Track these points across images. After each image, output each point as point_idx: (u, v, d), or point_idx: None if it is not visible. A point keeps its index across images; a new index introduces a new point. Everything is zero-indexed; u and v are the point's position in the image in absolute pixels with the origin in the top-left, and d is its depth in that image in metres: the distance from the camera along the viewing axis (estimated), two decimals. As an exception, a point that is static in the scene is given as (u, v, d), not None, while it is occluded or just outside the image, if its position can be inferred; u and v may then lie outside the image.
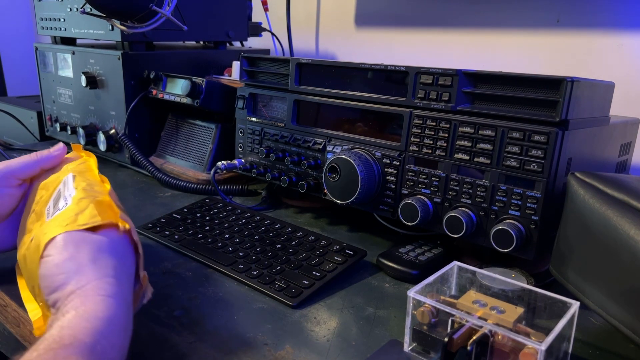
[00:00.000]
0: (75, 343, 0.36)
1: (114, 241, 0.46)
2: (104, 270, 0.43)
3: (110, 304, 0.40)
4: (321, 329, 0.52)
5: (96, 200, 0.48)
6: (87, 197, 0.49)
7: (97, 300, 0.40)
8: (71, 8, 1.09)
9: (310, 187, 0.77)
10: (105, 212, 0.48)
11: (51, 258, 0.43)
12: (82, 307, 0.39)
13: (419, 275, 0.62)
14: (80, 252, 0.43)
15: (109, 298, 0.41)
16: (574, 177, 0.53)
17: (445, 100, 0.62)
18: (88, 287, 0.41)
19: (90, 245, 0.44)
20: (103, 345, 0.38)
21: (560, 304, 0.47)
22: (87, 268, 0.42)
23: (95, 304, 0.40)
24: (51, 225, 0.46)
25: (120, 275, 0.44)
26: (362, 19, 1.32)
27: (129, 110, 0.99)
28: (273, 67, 0.83)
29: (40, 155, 0.56)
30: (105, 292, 0.41)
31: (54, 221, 0.47)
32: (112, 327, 0.39)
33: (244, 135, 0.88)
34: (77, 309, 0.39)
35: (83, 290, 0.41)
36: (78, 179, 0.52)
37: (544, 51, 1.03)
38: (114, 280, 0.43)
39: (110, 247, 0.46)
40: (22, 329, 0.53)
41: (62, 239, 0.44)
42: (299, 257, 0.65)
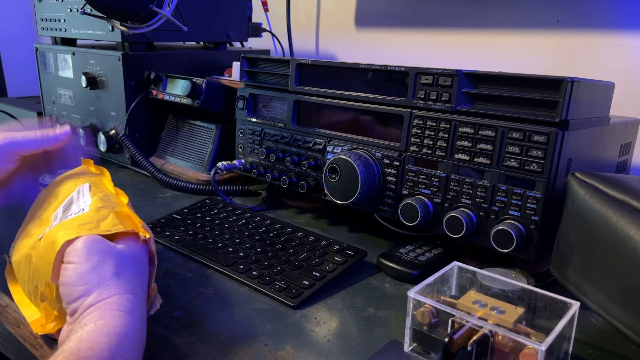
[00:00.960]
0: (93, 357, 0.37)
1: (134, 253, 0.47)
2: (125, 286, 0.43)
3: (128, 320, 0.41)
4: (321, 329, 0.52)
5: (115, 210, 0.48)
6: (106, 207, 0.49)
7: (115, 315, 0.40)
8: (71, 9, 1.10)
9: (311, 188, 0.77)
10: (126, 221, 0.48)
11: (74, 266, 0.43)
12: (101, 321, 0.39)
13: (419, 276, 0.62)
14: (105, 264, 0.43)
15: (127, 314, 0.41)
16: (574, 178, 0.53)
17: (445, 100, 0.62)
18: (109, 301, 0.41)
19: (114, 258, 0.44)
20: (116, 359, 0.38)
21: (560, 304, 0.47)
22: (110, 282, 0.42)
23: (114, 319, 0.40)
24: (68, 225, 0.46)
25: (139, 291, 0.45)
26: (362, 20, 1.32)
27: (129, 110, 0.99)
28: (273, 67, 0.83)
29: (45, 135, 0.54)
30: (124, 308, 0.41)
31: (70, 222, 0.46)
32: (128, 342, 0.40)
33: (244, 136, 0.88)
34: (96, 323, 0.39)
35: (103, 303, 0.41)
36: (94, 189, 0.52)
37: (544, 51, 1.03)
38: (133, 297, 0.43)
39: (131, 260, 0.46)
40: (22, 330, 0.53)
41: (85, 246, 0.44)
42: (299, 257, 0.65)
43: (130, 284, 0.44)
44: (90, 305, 0.41)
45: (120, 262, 0.44)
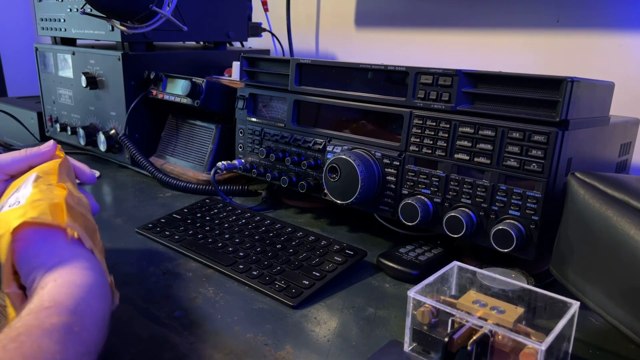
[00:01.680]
0: (55, 305, 0.37)
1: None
2: (79, 252, 0.44)
3: (87, 274, 0.42)
4: (321, 329, 0.52)
5: (52, 203, 0.47)
6: (44, 199, 0.47)
7: (74, 271, 0.41)
8: (71, 8, 1.10)
9: (311, 188, 0.77)
10: (57, 214, 0.47)
11: (25, 242, 0.43)
12: (60, 279, 0.40)
13: (419, 276, 0.62)
14: (56, 238, 0.44)
15: (86, 269, 0.42)
16: (574, 177, 0.53)
17: (445, 100, 0.62)
18: (64, 262, 0.42)
19: (63, 238, 0.45)
20: (83, 308, 0.39)
21: (560, 304, 0.47)
22: (63, 249, 0.44)
23: (72, 274, 0.41)
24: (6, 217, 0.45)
25: (94, 259, 0.45)
26: (362, 19, 1.32)
27: (129, 110, 0.99)
28: (273, 67, 0.83)
29: (29, 152, 0.56)
30: (81, 266, 0.42)
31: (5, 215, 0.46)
32: (91, 293, 0.41)
33: (244, 136, 0.88)
34: (56, 280, 0.40)
35: (60, 265, 0.42)
36: (41, 180, 0.51)
37: (544, 51, 1.03)
38: (89, 257, 0.44)
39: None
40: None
41: (34, 229, 0.44)
42: (299, 257, 0.65)
43: (84, 251, 0.45)
44: (48, 269, 0.41)
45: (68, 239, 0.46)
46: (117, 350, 0.48)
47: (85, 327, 0.38)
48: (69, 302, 0.38)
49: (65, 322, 0.36)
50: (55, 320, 0.36)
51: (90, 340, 0.38)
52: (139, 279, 0.61)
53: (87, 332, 0.38)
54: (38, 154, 0.56)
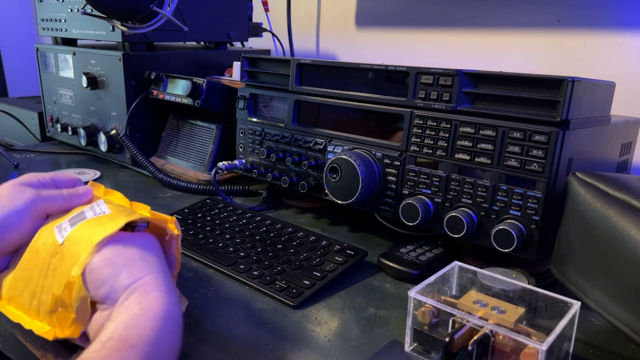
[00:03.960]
0: (141, 344, 0.37)
1: (152, 242, 0.47)
2: (153, 267, 0.44)
3: (169, 301, 0.41)
4: (322, 329, 0.52)
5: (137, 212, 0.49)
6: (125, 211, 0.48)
7: (157, 296, 0.40)
8: (72, 9, 1.10)
9: (311, 188, 0.77)
10: (155, 217, 0.49)
11: (97, 255, 0.43)
12: (145, 304, 0.40)
13: (420, 276, 0.62)
14: (128, 249, 0.44)
15: (167, 295, 0.41)
16: (574, 177, 0.53)
17: (445, 100, 0.62)
18: (145, 280, 0.41)
19: (135, 245, 0.45)
20: (164, 346, 0.39)
21: (561, 304, 0.47)
22: (138, 262, 0.43)
23: (156, 301, 0.40)
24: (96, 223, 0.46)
25: (167, 272, 0.45)
26: (363, 19, 1.32)
27: (129, 110, 0.99)
28: (274, 67, 0.83)
29: (71, 194, 0.53)
30: (163, 288, 0.41)
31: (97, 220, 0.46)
32: (171, 324, 0.40)
33: (244, 136, 0.88)
34: (141, 306, 0.39)
35: (141, 283, 0.41)
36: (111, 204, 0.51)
37: (544, 51, 1.03)
38: (164, 276, 0.43)
39: (152, 247, 0.46)
40: (23, 330, 0.53)
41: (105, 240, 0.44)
42: (300, 257, 0.65)
43: (157, 265, 0.44)
44: (127, 286, 0.41)
45: (141, 247, 0.45)
46: (118, 350, 0.47)
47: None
48: (153, 340, 0.38)
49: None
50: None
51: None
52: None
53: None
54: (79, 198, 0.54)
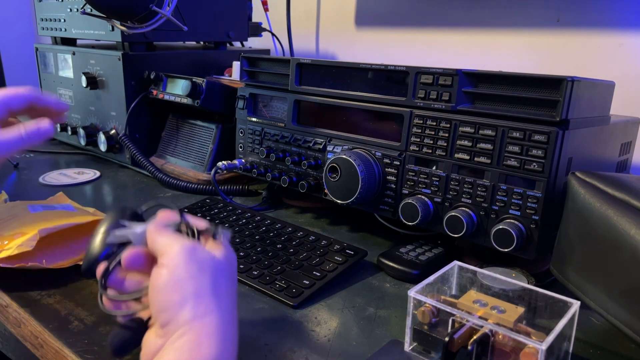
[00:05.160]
0: None
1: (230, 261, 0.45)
2: (222, 303, 0.40)
3: (223, 349, 0.38)
4: (322, 329, 0.52)
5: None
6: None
7: (212, 343, 0.38)
8: (71, 8, 1.10)
9: (311, 187, 0.77)
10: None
11: (170, 271, 0.40)
12: (196, 351, 0.37)
13: (420, 275, 0.62)
14: (204, 275, 0.41)
15: (223, 342, 0.39)
16: (574, 177, 0.53)
17: (445, 100, 0.62)
18: (206, 321, 0.39)
19: (212, 269, 0.42)
20: None
21: (560, 304, 0.47)
22: (207, 296, 0.40)
23: (210, 348, 0.37)
24: None
25: (233, 307, 0.42)
26: (363, 19, 1.32)
27: (129, 110, 0.99)
28: (273, 67, 0.83)
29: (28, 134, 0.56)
30: (221, 335, 0.39)
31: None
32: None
33: (244, 136, 0.88)
34: (192, 352, 0.37)
35: (200, 324, 0.38)
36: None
37: (544, 51, 1.03)
38: (228, 317, 0.40)
39: (227, 272, 0.44)
40: (22, 329, 0.53)
41: (185, 251, 0.41)
42: (300, 257, 0.65)
43: (226, 300, 0.41)
44: (186, 322, 0.38)
45: (217, 273, 0.42)
46: (117, 350, 0.47)
47: None
48: None
49: None
50: None
51: None
52: (139, 278, 0.61)
53: None
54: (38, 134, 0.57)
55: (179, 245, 0.42)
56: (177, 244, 0.42)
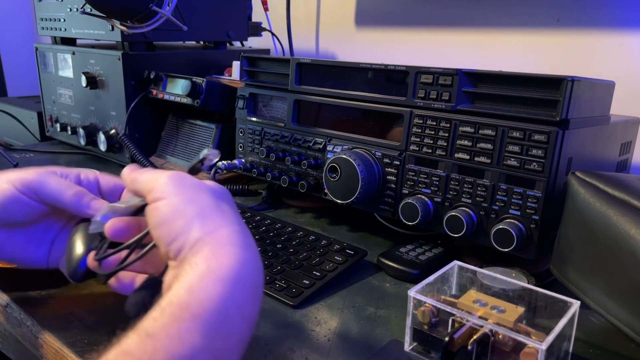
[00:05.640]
0: (204, 314, 0.32)
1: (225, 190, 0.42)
2: (229, 217, 0.38)
3: (244, 258, 0.35)
4: (322, 328, 0.52)
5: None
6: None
7: (230, 252, 0.35)
8: (71, 8, 1.09)
9: (311, 187, 0.77)
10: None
11: (165, 202, 0.38)
12: (214, 261, 0.34)
13: (420, 275, 0.62)
14: (199, 195, 0.39)
15: (242, 250, 0.35)
16: (574, 177, 0.53)
17: (445, 99, 0.62)
18: (217, 234, 0.36)
19: (207, 190, 0.40)
20: (235, 316, 0.33)
21: (561, 304, 0.47)
22: (212, 211, 0.38)
23: (228, 257, 0.34)
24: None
25: (240, 221, 0.39)
26: (362, 19, 1.32)
27: (129, 110, 0.99)
28: (273, 67, 0.83)
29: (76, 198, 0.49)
30: (238, 242, 0.36)
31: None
32: (245, 289, 0.34)
33: (244, 135, 0.88)
34: (209, 263, 0.34)
35: (213, 237, 0.36)
36: None
37: (544, 50, 1.03)
38: (241, 229, 0.37)
39: (225, 195, 0.41)
40: (22, 329, 0.53)
41: (172, 180, 0.39)
42: (300, 257, 0.65)
43: (234, 218, 0.38)
44: (198, 240, 0.35)
45: (215, 195, 0.40)
46: (117, 350, 0.47)
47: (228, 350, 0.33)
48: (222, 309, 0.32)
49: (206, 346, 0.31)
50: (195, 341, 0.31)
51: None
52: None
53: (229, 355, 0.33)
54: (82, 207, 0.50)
55: (164, 175, 0.40)
56: (162, 175, 0.40)
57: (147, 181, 0.41)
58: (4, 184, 0.48)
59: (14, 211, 0.49)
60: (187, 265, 0.35)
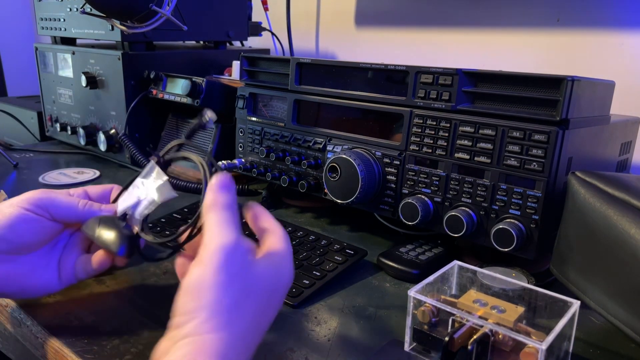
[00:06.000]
0: None
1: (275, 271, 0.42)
2: (236, 320, 0.38)
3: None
4: (322, 328, 0.52)
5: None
6: None
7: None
8: (71, 8, 1.09)
9: (311, 187, 0.77)
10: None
11: (201, 272, 0.38)
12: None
13: (420, 275, 0.62)
14: (233, 284, 0.38)
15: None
16: (574, 176, 0.53)
17: (445, 99, 0.62)
18: (208, 339, 0.36)
19: (242, 282, 0.39)
20: None
21: (560, 303, 0.47)
22: (222, 311, 0.37)
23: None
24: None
25: (253, 328, 0.39)
26: (362, 19, 1.32)
27: (129, 110, 0.99)
28: (273, 66, 0.83)
29: (88, 207, 0.51)
30: (217, 353, 0.36)
31: None
32: None
33: (244, 135, 0.88)
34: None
35: (201, 340, 0.36)
36: None
37: (544, 50, 1.03)
38: (238, 341, 0.38)
39: (264, 284, 0.41)
40: (22, 329, 0.53)
41: (224, 254, 0.39)
42: (300, 256, 0.65)
43: (245, 321, 0.38)
44: (190, 334, 0.36)
45: (247, 286, 0.39)
46: (117, 350, 0.48)
47: None
48: None
49: None
50: None
51: None
52: (139, 278, 0.61)
53: None
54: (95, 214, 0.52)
55: (217, 242, 0.39)
56: (217, 240, 0.39)
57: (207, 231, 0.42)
58: (8, 208, 0.49)
59: (23, 230, 0.49)
60: (171, 356, 0.36)
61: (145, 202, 0.50)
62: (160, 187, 0.50)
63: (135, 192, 0.51)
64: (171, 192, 0.50)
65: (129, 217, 0.51)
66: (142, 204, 0.51)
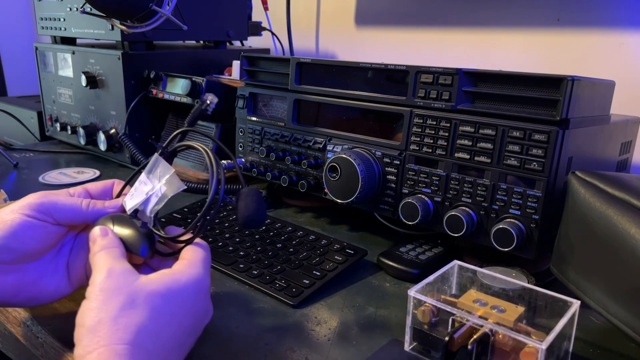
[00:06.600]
0: None
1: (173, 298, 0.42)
2: (120, 333, 0.38)
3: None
4: (322, 328, 0.52)
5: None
6: None
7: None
8: (71, 8, 1.09)
9: (311, 187, 0.77)
10: None
11: (88, 300, 0.40)
12: None
13: (420, 275, 0.62)
14: (110, 301, 0.39)
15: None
16: (574, 176, 0.53)
17: (445, 99, 0.62)
18: (93, 355, 0.36)
19: (124, 296, 0.39)
20: None
21: (561, 303, 0.47)
22: (105, 327, 0.38)
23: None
24: None
25: (148, 340, 0.39)
26: (362, 18, 1.32)
27: (129, 110, 0.99)
28: (273, 66, 0.83)
29: (92, 207, 0.50)
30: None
31: None
32: None
33: (244, 135, 0.88)
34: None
35: (90, 357, 0.36)
36: None
37: (544, 50, 1.03)
38: (129, 348, 0.37)
39: (150, 297, 0.40)
40: (22, 329, 0.53)
41: (104, 277, 0.40)
42: (300, 256, 0.65)
43: (129, 330, 0.38)
44: (78, 358, 0.37)
45: (131, 299, 0.39)
46: (117, 349, 0.47)
47: None
48: None
49: None
50: None
51: None
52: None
53: None
54: (100, 213, 0.51)
55: (104, 266, 0.42)
56: (102, 261, 0.42)
57: (93, 266, 0.43)
58: (9, 215, 0.47)
59: (26, 238, 0.47)
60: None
61: (155, 198, 0.49)
62: (169, 180, 0.49)
63: (142, 187, 0.50)
64: (180, 184, 0.49)
65: (140, 214, 0.50)
66: (152, 200, 0.49)
